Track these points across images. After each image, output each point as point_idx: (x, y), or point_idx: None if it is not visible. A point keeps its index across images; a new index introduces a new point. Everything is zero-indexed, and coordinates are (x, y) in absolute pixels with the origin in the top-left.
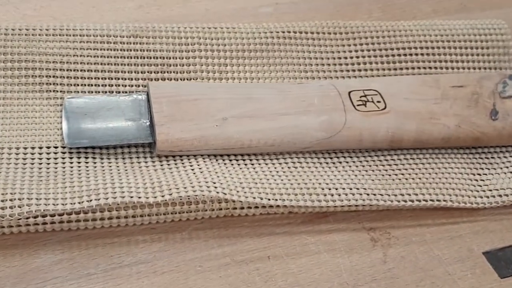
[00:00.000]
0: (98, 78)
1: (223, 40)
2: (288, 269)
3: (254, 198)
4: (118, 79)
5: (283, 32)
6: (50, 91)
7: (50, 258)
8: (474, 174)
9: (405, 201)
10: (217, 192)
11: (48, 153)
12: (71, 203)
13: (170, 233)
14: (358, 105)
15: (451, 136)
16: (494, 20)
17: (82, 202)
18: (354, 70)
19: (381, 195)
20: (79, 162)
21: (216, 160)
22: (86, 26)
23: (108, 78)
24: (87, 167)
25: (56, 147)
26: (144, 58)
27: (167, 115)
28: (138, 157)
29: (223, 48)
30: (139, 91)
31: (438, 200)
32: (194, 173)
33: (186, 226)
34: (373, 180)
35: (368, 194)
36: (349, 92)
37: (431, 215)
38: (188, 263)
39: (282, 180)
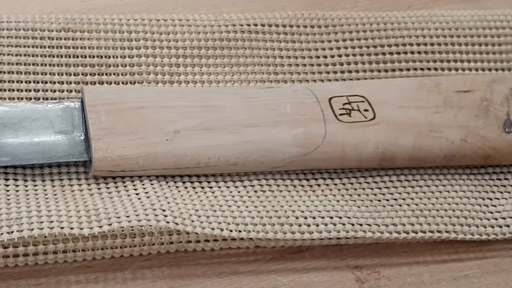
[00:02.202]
0: (21, 82)
1: (174, 34)
2: None
3: (213, 229)
4: (46, 82)
5: (249, 25)
6: None
7: None
8: (483, 199)
9: (399, 232)
10: (167, 222)
11: None
12: None
13: (110, 272)
14: (340, 114)
15: (455, 153)
16: (508, 10)
17: (1, 234)
18: (335, 72)
19: (369, 225)
20: None
21: (167, 182)
22: (6, 18)
23: (34, 82)
24: (7, 190)
25: None
26: (77, 57)
27: (106, 127)
28: (70, 179)
29: (174, 45)
30: (72, 98)
31: (439, 232)
32: (139, 199)
33: (129, 263)
34: (359, 207)
35: (353, 225)
36: (330, 99)
37: (430, 250)
38: None
39: (247, 207)
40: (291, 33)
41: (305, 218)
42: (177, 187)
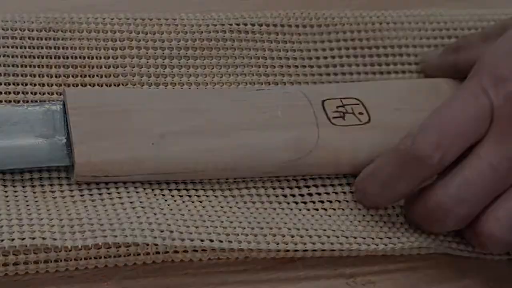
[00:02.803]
0: (0, 84)
1: (160, 34)
2: None
3: (202, 240)
4: (26, 84)
5: (238, 24)
6: None
7: None
8: None
9: (394, 244)
10: (154, 237)
11: None
12: None
13: (93, 282)
14: (334, 117)
15: None
16: (509, 9)
17: None
18: (329, 74)
19: (363, 238)
20: None
21: (152, 190)
22: None
23: (13, 84)
24: None
25: None
26: (59, 57)
27: (88, 130)
28: (51, 185)
29: (160, 45)
30: (53, 100)
31: (436, 246)
32: (124, 209)
33: (114, 274)
34: (351, 222)
35: (347, 237)
36: (323, 101)
37: (428, 259)
38: None
39: (237, 216)
40: (282, 33)
41: (298, 229)
42: (163, 195)
